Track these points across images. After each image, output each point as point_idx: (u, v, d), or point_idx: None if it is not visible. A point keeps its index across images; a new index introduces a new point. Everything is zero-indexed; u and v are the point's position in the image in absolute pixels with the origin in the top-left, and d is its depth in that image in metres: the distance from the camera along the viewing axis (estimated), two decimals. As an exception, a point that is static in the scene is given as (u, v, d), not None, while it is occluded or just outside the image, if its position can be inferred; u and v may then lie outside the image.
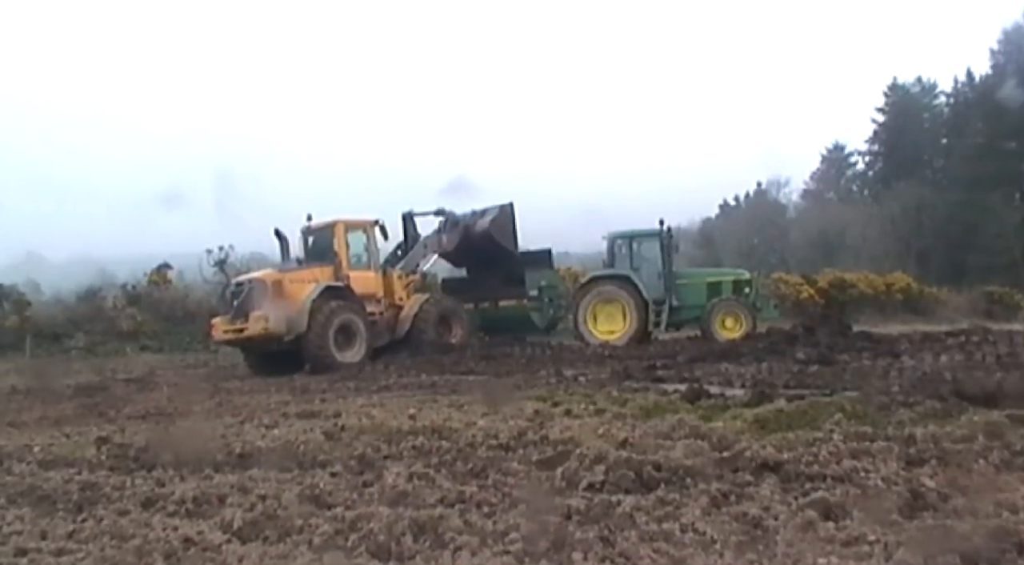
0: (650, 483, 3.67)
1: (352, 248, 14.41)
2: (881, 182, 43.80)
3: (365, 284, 14.24)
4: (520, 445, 4.80)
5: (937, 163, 44.34)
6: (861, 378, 7.63)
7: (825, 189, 48.57)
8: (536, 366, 11.26)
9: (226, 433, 5.83)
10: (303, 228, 14.74)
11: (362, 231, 14.65)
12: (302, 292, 13.27)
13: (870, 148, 46.54)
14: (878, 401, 5.72)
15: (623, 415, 5.96)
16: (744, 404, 6.05)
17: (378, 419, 6.16)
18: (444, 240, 15.94)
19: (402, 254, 15.74)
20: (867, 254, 36.01)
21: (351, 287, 13.82)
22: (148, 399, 9.39)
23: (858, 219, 39.22)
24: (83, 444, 5.73)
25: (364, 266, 14.47)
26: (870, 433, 4.45)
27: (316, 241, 14.62)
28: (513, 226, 16.31)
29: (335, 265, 13.87)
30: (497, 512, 3.37)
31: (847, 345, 11.65)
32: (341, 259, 13.99)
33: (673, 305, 15.91)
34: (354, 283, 13.91)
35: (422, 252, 15.75)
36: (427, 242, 15.87)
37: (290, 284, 13.36)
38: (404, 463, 4.41)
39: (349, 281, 13.81)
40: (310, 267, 13.93)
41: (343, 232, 14.27)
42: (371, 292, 14.37)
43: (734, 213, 47.16)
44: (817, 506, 3.16)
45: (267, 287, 13.17)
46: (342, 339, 13.28)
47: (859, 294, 28.02)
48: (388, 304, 14.59)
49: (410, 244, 15.80)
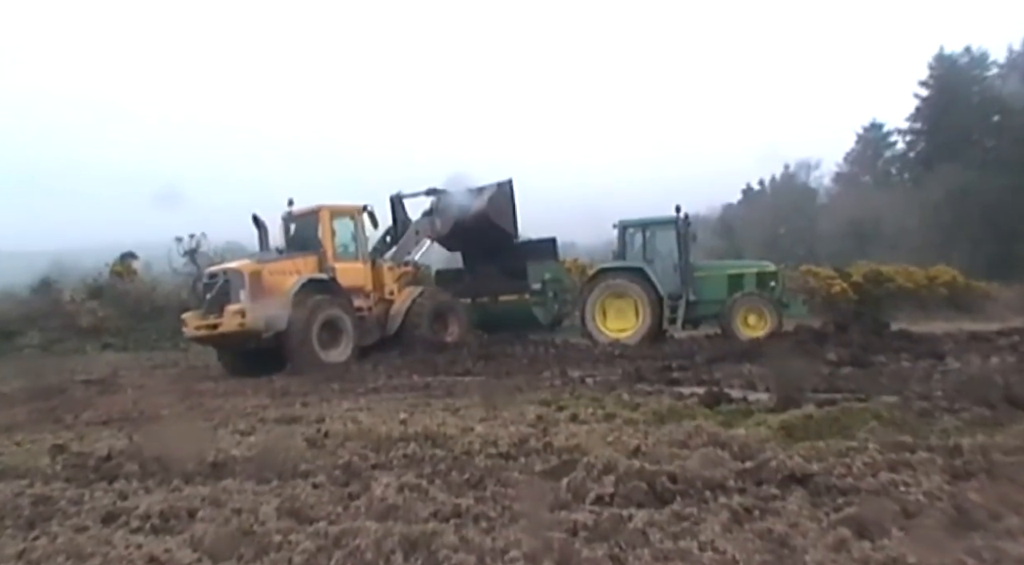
0: (665, 496, 3.68)
1: (338, 236, 14.41)
2: (923, 164, 43.82)
3: (353, 276, 14.25)
4: (521, 453, 4.81)
5: (987, 143, 44.27)
6: (900, 381, 7.65)
7: (860, 172, 48.60)
8: (539, 367, 11.30)
9: (197, 440, 5.84)
10: (284, 215, 14.71)
11: (349, 218, 14.64)
12: (283, 285, 13.26)
13: (911, 126, 46.55)
14: (919, 407, 5.74)
15: (635, 421, 5.98)
16: (769, 409, 6.09)
17: (365, 424, 6.17)
18: (437, 224, 15.87)
19: (392, 241, 15.70)
20: (906, 244, 36.02)
21: (337, 279, 13.84)
22: (110, 403, 9.39)
23: (897, 205, 39.24)
24: (36, 453, 5.73)
25: (351, 256, 14.48)
26: (910, 443, 4.46)
27: (298, 229, 14.60)
28: (512, 206, 16.24)
29: (319, 255, 13.88)
30: (496, 527, 3.37)
31: (884, 345, 11.69)
32: (326, 248, 13.99)
33: (690, 300, 15.93)
34: (340, 275, 13.93)
35: (414, 239, 15.68)
36: (418, 227, 15.81)
37: (270, 276, 13.34)
38: (394, 473, 4.42)
39: (335, 273, 13.83)
40: (292, 257, 13.90)
41: (328, 219, 14.26)
42: (359, 285, 14.39)
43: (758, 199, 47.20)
44: (850, 523, 3.16)
45: (244, 279, 13.13)
46: (327, 337, 13.31)
47: (897, 288, 28.07)
48: (378, 298, 14.63)
49: (400, 230, 15.76)
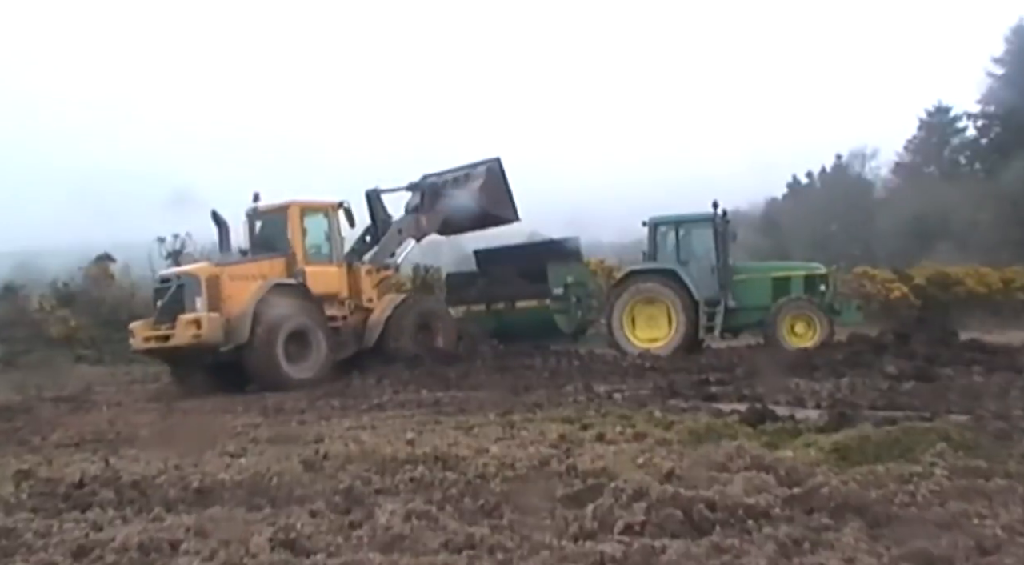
0: (702, 526, 3.68)
1: (310, 237, 14.10)
2: (998, 152, 43.20)
3: (326, 281, 13.90)
4: (542, 477, 4.82)
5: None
6: (971, 398, 7.62)
7: (924, 162, 48.05)
8: (561, 380, 11.34)
9: (180, 463, 5.88)
10: (248, 211, 14.39)
11: (323, 216, 14.30)
12: (245, 291, 13.00)
13: (983, 110, 45.95)
14: (994, 428, 5.70)
15: (668, 441, 5.98)
16: (819, 429, 6.08)
17: (369, 445, 6.21)
18: (423, 222, 15.45)
19: (371, 242, 15.33)
20: (978, 243, 35.56)
21: (307, 285, 13.55)
22: (83, 422, 9.49)
23: (967, 199, 38.75)
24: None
25: (325, 259, 14.17)
26: (984, 468, 4.43)
27: (265, 227, 14.33)
28: (507, 187, 15.82)
29: (288, 257, 13.59)
30: (513, 560, 3.38)
31: (952, 357, 11.64)
32: (296, 250, 13.66)
33: (729, 306, 15.90)
34: (312, 280, 13.60)
35: (396, 239, 15.24)
36: (402, 226, 15.38)
37: (230, 281, 13.10)
38: (400, 499, 4.44)
39: (305, 277, 13.51)
40: (257, 260, 13.68)
41: (299, 217, 13.92)
42: (333, 291, 14.06)
43: (806, 193, 46.76)
44: (915, 559, 3.15)
45: (200, 284, 12.86)
46: (294, 349, 13.01)
47: (967, 293, 27.78)
48: (355, 306, 14.31)
49: (380, 229, 15.37)
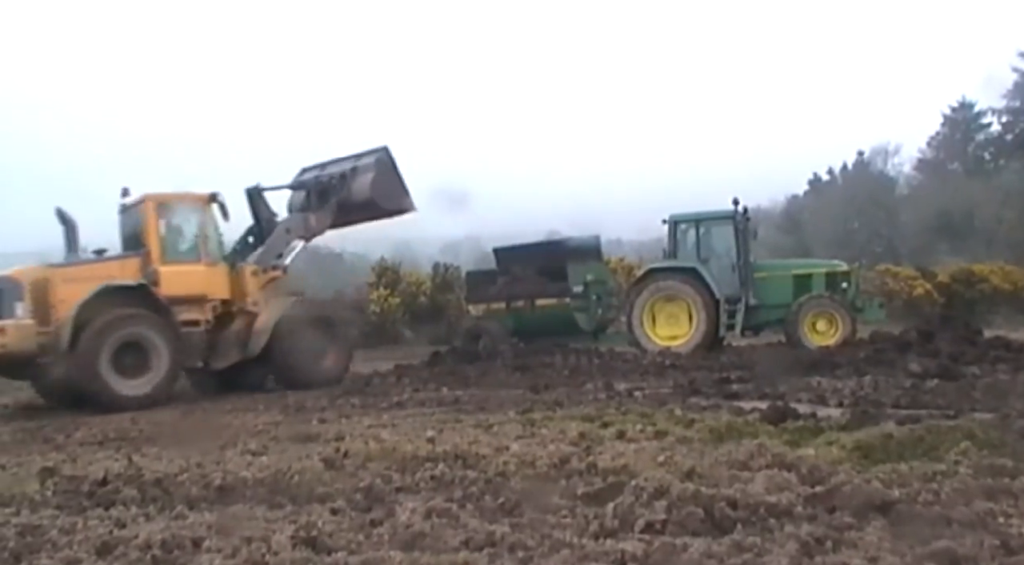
0: (723, 524, 3.67)
1: (173, 233, 13.19)
2: (1022, 148, 42.69)
3: (187, 282, 12.83)
4: (562, 475, 4.83)
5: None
6: (996, 397, 7.58)
7: (948, 158, 47.51)
8: (582, 378, 11.38)
9: (203, 461, 5.94)
10: (119, 207, 13.55)
11: (191, 210, 13.29)
12: (78, 295, 11.95)
13: (1009, 105, 45.28)
14: (1019, 426, 5.68)
15: (689, 439, 5.98)
16: (842, 427, 6.08)
17: (389, 443, 6.24)
18: (312, 221, 14.72)
19: (255, 242, 14.61)
20: (1003, 240, 35.12)
21: (159, 286, 12.51)
22: (105, 421, 9.62)
23: (992, 196, 38.26)
24: (23, 477, 5.83)
25: (192, 257, 13.13)
26: (1009, 467, 4.41)
27: (127, 224, 13.41)
28: (399, 178, 15.02)
29: (142, 256, 12.72)
30: (534, 558, 3.39)
31: (976, 355, 11.61)
32: (151, 248, 12.71)
33: (750, 304, 15.86)
34: (167, 280, 12.58)
35: (284, 239, 14.39)
36: (289, 226, 14.58)
37: (63, 284, 12.07)
38: (421, 497, 4.47)
39: (158, 278, 12.54)
40: (104, 261, 12.82)
41: (153, 211, 12.88)
42: (197, 292, 12.98)
43: (828, 190, 46.40)
44: (940, 558, 3.13)
45: (22, 289, 11.87)
46: (130, 361, 11.88)
47: (992, 290, 27.44)
48: (239, 309, 13.46)
49: (265, 228, 14.64)
